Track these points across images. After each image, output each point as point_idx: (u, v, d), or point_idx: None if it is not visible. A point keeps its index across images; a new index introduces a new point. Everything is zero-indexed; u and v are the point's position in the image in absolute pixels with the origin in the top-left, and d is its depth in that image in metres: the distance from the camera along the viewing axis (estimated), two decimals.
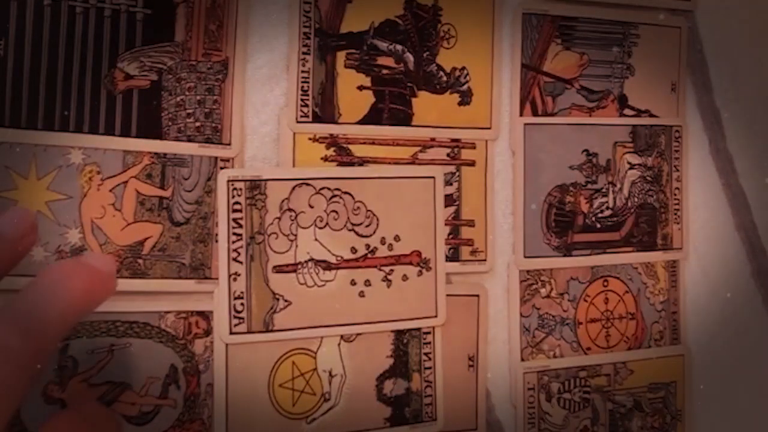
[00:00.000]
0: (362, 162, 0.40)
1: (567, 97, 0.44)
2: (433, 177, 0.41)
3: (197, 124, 0.37)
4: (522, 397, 0.43)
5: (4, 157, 0.34)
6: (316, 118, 0.39)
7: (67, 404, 0.36)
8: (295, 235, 0.38)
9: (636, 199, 0.46)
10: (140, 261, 0.37)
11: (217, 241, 0.37)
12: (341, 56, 0.40)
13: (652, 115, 0.46)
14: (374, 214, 0.40)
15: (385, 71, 0.41)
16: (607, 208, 0.45)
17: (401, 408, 0.40)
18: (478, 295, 0.42)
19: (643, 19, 0.46)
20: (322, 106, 0.39)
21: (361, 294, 0.39)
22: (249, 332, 0.37)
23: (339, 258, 0.39)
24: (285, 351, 0.39)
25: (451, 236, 0.42)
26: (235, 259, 0.37)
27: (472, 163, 0.42)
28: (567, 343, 0.44)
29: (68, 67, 0.35)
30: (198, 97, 0.37)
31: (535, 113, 0.44)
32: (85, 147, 0.36)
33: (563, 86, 0.44)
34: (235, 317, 0.37)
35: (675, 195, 0.47)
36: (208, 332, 0.38)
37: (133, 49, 0.36)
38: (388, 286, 0.40)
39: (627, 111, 0.46)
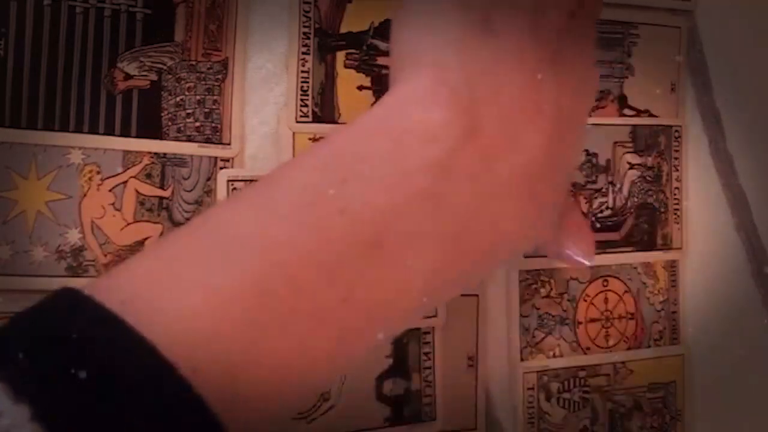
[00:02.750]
0: None
1: None
2: None
3: (197, 124, 0.37)
4: (521, 396, 0.43)
5: (4, 157, 0.34)
6: (316, 118, 0.39)
7: None
8: None
9: (636, 199, 0.46)
10: None
11: None
12: (341, 56, 0.40)
13: (652, 115, 0.46)
14: None
15: (385, 71, 0.41)
16: (607, 207, 0.45)
17: (401, 407, 0.40)
18: (477, 295, 0.42)
19: (643, 19, 0.46)
20: (322, 106, 0.39)
21: None
22: None
23: None
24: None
25: None
26: None
27: None
28: (566, 342, 0.44)
29: (68, 67, 0.35)
30: (198, 97, 0.37)
31: None
32: (85, 147, 0.36)
33: None
34: None
35: (675, 195, 0.47)
36: None
37: (133, 49, 0.36)
38: None
39: (627, 111, 0.46)
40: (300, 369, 0.22)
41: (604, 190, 0.45)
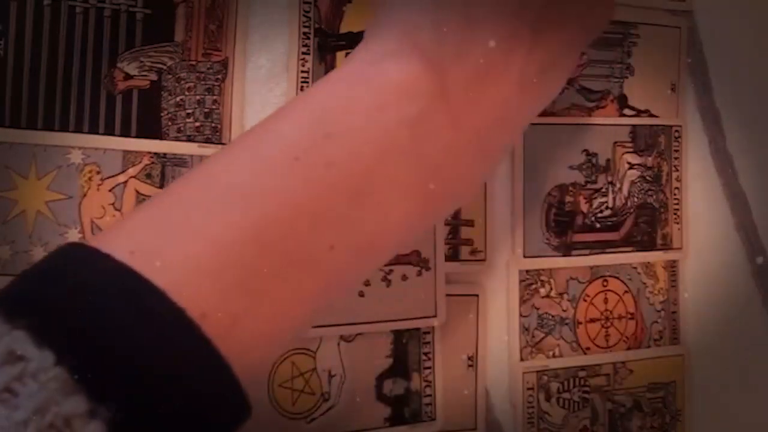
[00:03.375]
0: None
1: (566, 97, 0.44)
2: None
3: (197, 124, 0.37)
4: (521, 396, 0.43)
5: (4, 157, 0.35)
6: None
7: None
8: None
9: (636, 199, 0.46)
10: None
11: None
12: (341, 56, 0.40)
13: (651, 115, 0.46)
14: None
15: None
16: (607, 207, 0.45)
17: (401, 408, 0.40)
18: (477, 295, 0.42)
19: (643, 19, 0.46)
20: None
21: (361, 294, 0.39)
22: None
23: None
24: (284, 351, 0.39)
25: (450, 236, 0.42)
26: None
27: None
28: (566, 342, 0.44)
29: (68, 67, 0.35)
30: (197, 97, 0.37)
31: None
32: (85, 147, 0.36)
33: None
34: None
35: (675, 195, 0.47)
36: None
37: (133, 49, 0.36)
38: (388, 286, 0.40)
39: (627, 111, 0.46)
40: (293, 314, 0.24)
41: (604, 190, 0.45)
